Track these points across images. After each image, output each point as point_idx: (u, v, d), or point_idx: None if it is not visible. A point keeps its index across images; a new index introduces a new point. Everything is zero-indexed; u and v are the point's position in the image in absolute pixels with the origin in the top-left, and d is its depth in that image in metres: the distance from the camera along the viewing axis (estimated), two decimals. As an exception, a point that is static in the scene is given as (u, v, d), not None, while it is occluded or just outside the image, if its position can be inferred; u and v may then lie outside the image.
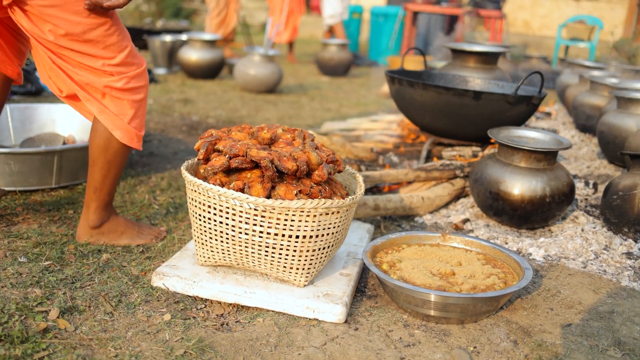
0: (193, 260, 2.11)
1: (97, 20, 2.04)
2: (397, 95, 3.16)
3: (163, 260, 2.21)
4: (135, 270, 2.12)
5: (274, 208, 1.83)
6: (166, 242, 2.38)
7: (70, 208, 2.65)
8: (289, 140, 2.11)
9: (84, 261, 2.15)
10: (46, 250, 2.20)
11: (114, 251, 2.26)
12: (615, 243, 2.65)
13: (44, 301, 1.85)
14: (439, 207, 2.93)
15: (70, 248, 2.25)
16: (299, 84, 6.82)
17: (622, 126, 3.75)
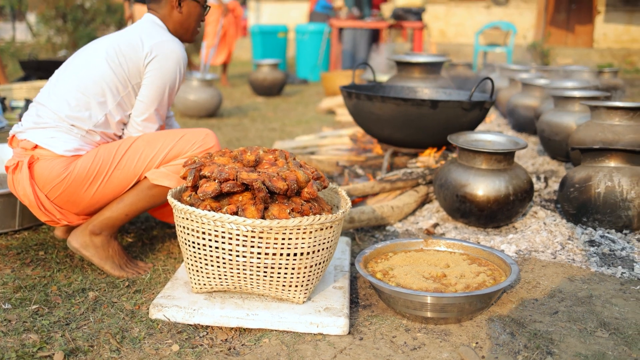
0: (187, 288, 2.11)
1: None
2: (355, 109, 3.24)
3: (153, 293, 2.20)
4: (128, 305, 2.10)
5: (271, 228, 1.86)
6: (151, 274, 2.36)
7: (40, 249, 2.59)
8: (272, 160, 2.15)
9: (72, 301, 2.12)
10: (29, 295, 2.15)
11: (99, 288, 2.23)
12: (577, 233, 2.80)
13: (44, 346, 1.82)
14: (407, 214, 3.02)
15: (53, 289, 2.20)
16: (236, 107, 6.83)
17: (561, 124, 3.96)
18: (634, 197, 2.74)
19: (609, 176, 2.77)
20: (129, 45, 2.31)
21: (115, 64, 2.30)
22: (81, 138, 2.30)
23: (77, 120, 2.28)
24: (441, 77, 3.99)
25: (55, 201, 2.31)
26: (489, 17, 15.48)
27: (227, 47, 8.37)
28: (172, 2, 2.42)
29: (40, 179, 2.26)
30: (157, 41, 2.33)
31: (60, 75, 2.36)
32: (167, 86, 2.38)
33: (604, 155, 2.83)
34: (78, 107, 2.28)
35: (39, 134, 2.26)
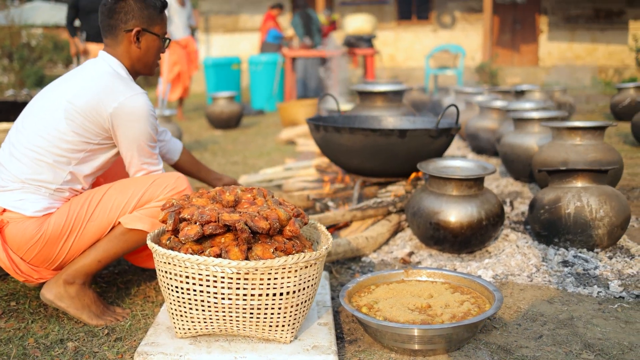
0: (170, 333, 2.06)
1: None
2: (323, 142, 3.25)
3: (135, 340, 2.14)
4: (110, 354, 2.04)
5: (257, 269, 1.84)
6: (131, 320, 2.30)
7: (11, 299, 2.50)
8: (251, 199, 2.13)
9: (51, 353, 2.05)
10: (5, 349, 2.07)
11: (78, 338, 2.16)
12: (550, 254, 2.84)
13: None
14: (382, 244, 3.02)
15: (30, 342, 2.13)
16: (195, 141, 6.78)
17: (522, 145, 4.04)
18: (602, 215, 2.80)
19: (578, 196, 2.83)
20: (88, 106, 2.21)
21: (76, 125, 2.21)
22: (49, 196, 2.25)
23: (41, 182, 2.23)
24: (403, 105, 4.04)
25: (31, 262, 2.25)
26: (437, 41, 15.82)
27: (182, 83, 8.32)
28: (130, 37, 2.33)
29: (13, 242, 2.20)
30: (118, 103, 2.21)
31: (19, 134, 2.27)
32: (142, 140, 2.30)
33: (571, 176, 2.89)
34: (41, 170, 2.22)
35: (6, 198, 2.21)
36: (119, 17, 2.32)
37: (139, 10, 2.33)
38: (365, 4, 16.22)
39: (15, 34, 14.73)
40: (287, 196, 3.33)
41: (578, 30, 15.49)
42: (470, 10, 15.94)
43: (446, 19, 16.15)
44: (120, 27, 2.32)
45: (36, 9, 20.35)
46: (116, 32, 2.33)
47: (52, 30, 18.68)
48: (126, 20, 2.32)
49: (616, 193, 2.89)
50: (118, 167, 2.66)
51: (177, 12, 8.11)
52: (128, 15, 2.32)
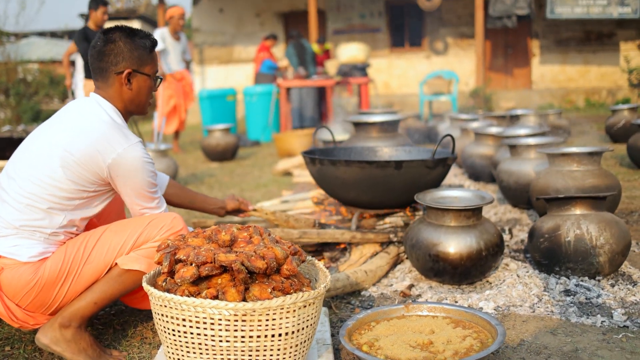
0: (168, 378, 2.02)
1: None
2: (319, 175, 3.23)
3: (132, 385, 2.10)
4: (106, 401, 2.00)
5: (254, 310, 1.81)
6: (127, 365, 2.26)
7: (5, 344, 2.46)
8: (247, 238, 2.10)
9: (46, 402, 2.00)
10: (-1, 399, 2.03)
11: (74, 385, 2.12)
12: (552, 283, 2.81)
13: None
14: (381, 277, 2.99)
15: (26, 390, 2.09)
16: (191, 174, 6.77)
17: (520, 172, 4.03)
18: (603, 243, 2.77)
19: (577, 224, 2.81)
20: (86, 156, 2.19)
21: (73, 173, 2.19)
22: (44, 241, 2.22)
23: (36, 227, 2.20)
24: (399, 135, 4.03)
25: (27, 308, 2.22)
26: (430, 67, 15.91)
27: (178, 116, 8.33)
28: (121, 79, 2.31)
29: (9, 289, 2.17)
30: (116, 154, 2.20)
31: (11, 180, 2.24)
32: (141, 189, 2.30)
33: (569, 204, 2.87)
34: (35, 216, 2.19)
35: (0, 244, 2.18)
36: (109, 59, 2.31)
37: (129, 51, 2.31)
38: (358, 32, 16.34)
39: (12, 70, 14.80)
40: (294, 220, 3.29)
41: (570, 52, 15.60)
42: (462, 36, 16.06)
43: (439, 45, 16.27)
44: (111, 69, 2.31)
45: (32, 45, 20.47)
46: (107, 75, 2.32)
47: (48, 65, 18.78)
48: (116, 63, 2.31)
49: (616, 219, 2.87)
50: (111, 206, 2.64)
51: (171, 46, 8.14)
52: (118, 57, 2.30)
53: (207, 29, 17.06)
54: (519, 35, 15.79)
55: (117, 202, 2.75)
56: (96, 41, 2.33)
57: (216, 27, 17.02)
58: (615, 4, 13.38)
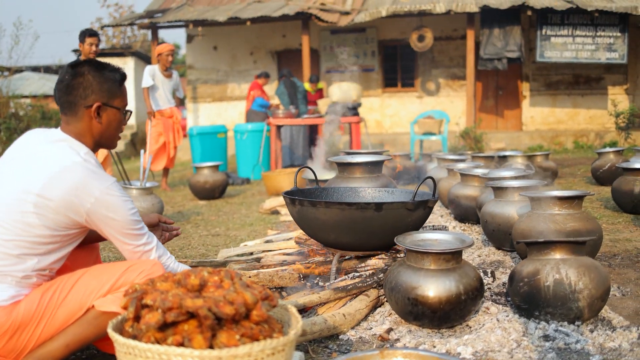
0: None
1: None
2: (299, 216, 3.21)
3: None
4: None
5: (221, 358, 1.77)
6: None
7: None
8: (218, 282, 2.07)
9: None
10: None
11: None
12: (531, 328, 2.77)
13: None
14: (360, 320, 2.95)
15: None
16: (178, 212, 6.73)
17: (503, 214, 4.02)
18: (582, 288, 2.75)
19: (556, 269, 2.79)
20: (63, 202, 2.17)
21: (48, 220, 2.17)
22: (16, 284, 2.18)
23: (7, 272, 2.16)
24: (383, 176, 4.03)
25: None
26: (422, 107, 16.03)
27: (167, 153, 8.33)
28: (91, 113, 2.30)
29: None
30: (95, 199, 2.19)
31: None
32: (125, 228, 2.28)
33: (548, 248, 2.86)
34: (6, 262, 2.16)
35: None
36: (78, 93, 2.28)
37: (98, 84, 2.29)
38: (350, 72, 16.48)
39: (3, 105, 14.81)
40: (278, 278, 3.25)
41: (559, 95, 15.76)
42: (453, 77, 16.22)
43: (431, 85, 16.41)
44: (80, 103, 2.29)
45: (25, 79, 20.54)
46: (76, 109, 2.30)
47: (40, 100, 18.82)
48: (85, 96, 2.29)
49: (595, 264, 2.85)
50: (87, 252, 2.62)
51: (161, 83, 8.18)
52: (87, 91, 2.28)
53: (200, 66, 17.18)
54: (510, 78, 15.97)
55: (94, 248, 2.73)
56: (64, 75, 2.30)
57: (210, 64, 17.15)
58: (603, 49, 13.57)
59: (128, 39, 31.14)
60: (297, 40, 15.46)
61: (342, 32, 16.09)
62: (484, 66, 14.01)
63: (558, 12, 13.29)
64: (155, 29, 14.87)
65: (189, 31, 16.54)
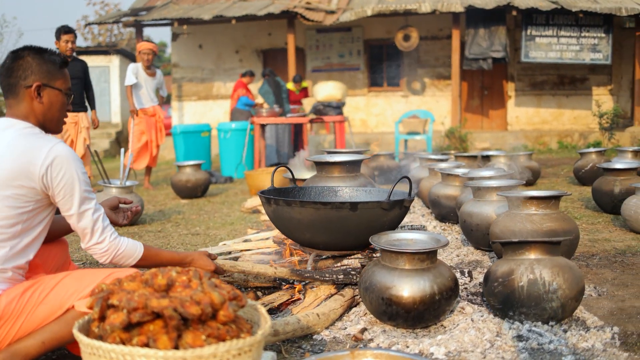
0: None
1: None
2: (275, 215, 3.20)
3: None
4: None
5: (185, 358, 1.75)
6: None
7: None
8: (186, 282, 2.05)
9: None
10: None
11: None
12: (505, 328, 2.77)
13: None
14: (334, 320, 2.94)
15: None
16: (159, 211, 6.69)
17: (481, 214, 4.02)
18: (556, 288, 2.75)
19: (530, 269, 2.79)
20: (15, 171, 2.19)
21: (6, 196, 2.18)
22: None
23: None
24: (361, 175, 4.02)
25: None
26: (408, 106, 16.05)
27: (150, 152, 8.28)
28: (31, 93, 2.33)
29: None
30: (44, 156, 2.22)
31: None
32: (77, 184, 2.31)
33: (523, 248, 2.85)
34: None
35: None
36: (18, 74, 2.32)
37: (38, 65, 2.33)
38: (336, 71, 16.48)
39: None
40: (254, 278, 3.22)
41: (544, 95, 15.83)
42: (439, 77, 16.26)
43: (416, 85, 16.44)
44: (20, 84, 2.32)
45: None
46: (17, 90, 2.33)
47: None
48: (25, 77, 2.32)
49: (570, 265, 2.85)
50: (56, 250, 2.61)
51: (145, 81, 8.14)
52: (27, 72, 2.32)
53: (186, 65, 17.11)
54: (495, 78, 16.03)
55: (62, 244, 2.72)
56: (5, 60, 2.37)
57: (195, 62, 17.09)
58: (587, 50, 13.65)
59: (115, 37, 30.97)
60: (283, 39, 15.43)
61: (328, 31, 16.09)
62: (469, 66, 14.06)
63: (543, 12, 13.36)
64: (139, 27, 14.79)
65: (174, 29, 16.48)
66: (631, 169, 5.52)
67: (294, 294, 3.16)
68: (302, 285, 3.13)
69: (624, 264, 3.92)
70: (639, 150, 7.25)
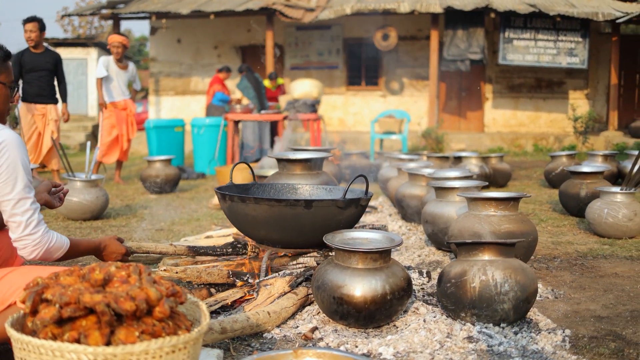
0: None
1: None
2: (230, 211, 3.16)
3: None
4: None
5: (116, 355, 1.71)
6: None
7: None
8: (124, 277, 2.01)
9: None
10: None
11: None
12: (456, 329, 2.76)
13: None
14: (286, 318, 2.91)
15: None
16: (126, 205, 6.62)
17: (443, 214, 4.01)
18: (507, 290, 2.75)
19: (483, 270, 2.78)
20: None
21: None
22: None
23: None
24: (323, 173, 3.99)
25: None
26: (386, 106, 16.07)
27: (120, 146, 8.19)
28: None
29: None
30: None
31: None
32: (19, 171, 2.30)
33: (477, 249, 2.85)
34: None
35: None
36: None
37: None
38: (315, 69, 16.45)
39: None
40: (206, 274, 3.17)
41: (521, 98, 15.93)
42: (417, 78, 16.28)
43: (394, 85, 16.46)
44: None
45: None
46: None
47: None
48: None
49: (523, 266, 2.85)
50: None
51: (116, 74, 8.04)
52: None
53: (164, 59, 16.99)
54: (473, 80, 16.09)
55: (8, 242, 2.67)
56: None
57: (173, 57, 16.97)
58: (564, 54, 13.75)
59: (95, 30, 30.70)
60: (262, 35, 15.35)
61: (307, 28, 16.05)
62: (447, 67, 14.10)
63: (521, 15, 13.43)
64: (117, 19, 14.65)
65: (152, 23, 16.34)
66: (598, 172, 5.55)
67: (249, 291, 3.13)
68: (256, 283, 3.09)
69: (583, 267, 3.94)
70: (609, 155, 7.32)
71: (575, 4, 13.55)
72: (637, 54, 15.77)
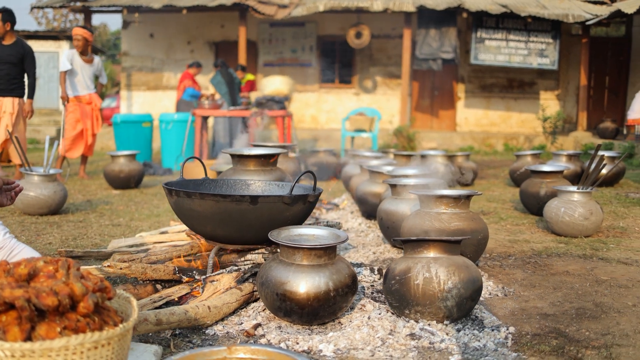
0: (-53, 422, 1.85)
1: None
2: (177, 206, 3.13)
3: None
4: None
5: (34, 351, 1.67)
6: None
7: None
8: (52, 272, 1.97)
9: None
10: None
11: None
12: (399, 326, 2.76)
13: None
14: (227, 314, 2.88)
15: None
16: (87, 201, 6.54)
17: (397, 211, 4.02)
18: (451, 287, 2.75)
19: (427, 267, 2.78)
20: None
21: None
22: None
23: None
24: (277, 169, 3.97)
25: None
26: (359, 103, 16.09)
27: (85, 141, 8.10)
28: None
29: None
30: None
31: None
32: None
33: (422, 246, 2.85)
34: None
35: None
36: None
37: None
38: (288, 66, 16.41)
39: None
40: (152, 270, 3.14)
41: (493, 98, 16.04)
42: (391, 76, 16.33)
43: (368, 83, 16.48)
44: None
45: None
46: None
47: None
48: None
49: (467, 264, 2.85)
50: None
51: (81, 68, 7.95)
52: None
53: (136, 54, 16.83)
54: (446, 79, 16.17)
55: None
56: None
57: (146, 52, 16.82)
58: (535, 55, 13.87)
59: (70, 23, 30.34)
60: (236, 31, 15.29)
61: (281, 25, 16.01)
62: (419, 66, 14.15)
63: (493, 15, 13.52)
64: (88, 12, 14.49)
65: (125, 17, 16.19)
66: (557, 172, 5.60)
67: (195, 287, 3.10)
68: (202, 279, 3.07)
69: (536, 265, 3.96)
70: (573, 155, 7.39)
71: (546, 6, 13.67)
72: (607, 55, 15.95)
